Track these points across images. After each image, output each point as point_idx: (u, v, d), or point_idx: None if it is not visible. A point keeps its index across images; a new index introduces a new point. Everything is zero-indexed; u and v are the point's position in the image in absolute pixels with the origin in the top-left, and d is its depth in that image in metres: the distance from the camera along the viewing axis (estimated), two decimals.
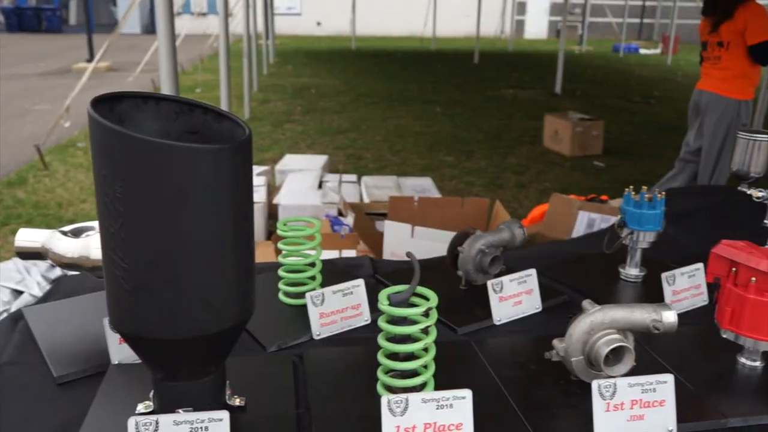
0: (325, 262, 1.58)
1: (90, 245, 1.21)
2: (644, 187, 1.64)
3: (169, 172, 0.84)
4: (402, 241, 2.84)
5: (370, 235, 3.08)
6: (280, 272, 1.47)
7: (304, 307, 1.35)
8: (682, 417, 1.06)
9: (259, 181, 4.02)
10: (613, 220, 1.83)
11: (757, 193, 1.62)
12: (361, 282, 1.39)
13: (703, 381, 1.20)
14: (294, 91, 10.27)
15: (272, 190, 4.18)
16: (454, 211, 3.21)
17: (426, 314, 1.07)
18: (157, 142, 0.84)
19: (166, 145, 0.84)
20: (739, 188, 1.69)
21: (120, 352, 1.18)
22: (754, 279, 1.16)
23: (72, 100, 6.34)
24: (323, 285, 1.44)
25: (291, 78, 11.76)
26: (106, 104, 0.92)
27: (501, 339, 1.36)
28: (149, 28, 21.09)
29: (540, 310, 1.49)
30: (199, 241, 0.88)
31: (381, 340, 1.08)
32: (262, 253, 2.90)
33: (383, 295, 1.07)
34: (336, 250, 2.83)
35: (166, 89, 2.87)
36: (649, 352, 1.28)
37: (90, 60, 11.17)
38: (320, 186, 4.05)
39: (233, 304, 0.95)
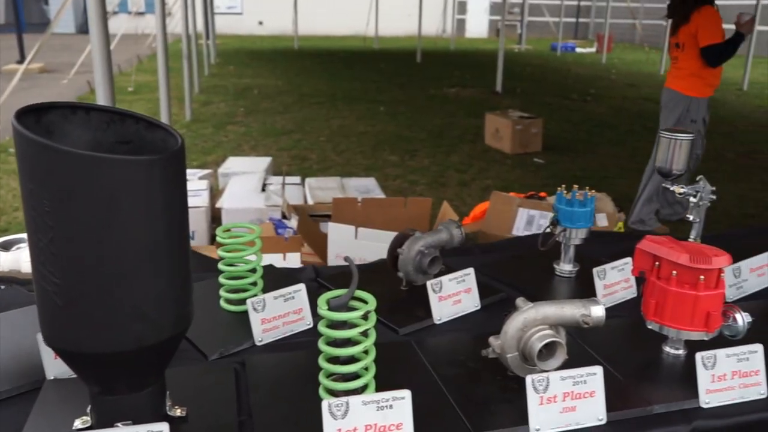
0: (266, 267, 1.58)
1: (21, 259, 1.18)
2: (575, 187, 1.70)
3: (99, 184, 0.83)
4: (346, 242, 2.86)
5: (315, 238, 3.08)
6: (221, 279, 1.47)
7: (245, 314, 1.35)
8: (611, 406, 1.11)
9: (201, 185, 3.98)
10: (551, 216, 1.88)
11: (679, 190, 1.70)
12: (302, 286, 1.40)
13: (631, 370, 1.25)
14: (236, 92, 10.16)
15: (215, 193, 4.14)
16: (397, 212, 3.24)
17: (365, 317, 1.09)
18: (86, 154, 0.83)
19: (96, 158, 0.84)
20: (662, 185, 1.77)
21: (55, 367, 1.16)
22: (675, 272, 1.23)
23: (2, 103, 6.11)
24: (265, 290, 1.44)
25: (233, 79, 11.62)
26: (32, 115, 0.90)
27: (441, 338, 1.39)
28: (84, 28, 20.44)
29: (479, 308, 1.53)
30: (133, 254, 0.88)
31: (321, 345, 1.09)
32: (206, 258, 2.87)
33: (322, 300, 1.09)
34: (280, 253, 2.83)
35: (101, 92, 2.81)
36: (582, 345, 1.33)
37: (21, 61, 10.78)
38: (264, 189, 4.03)
39: (170, 314, 0.95)
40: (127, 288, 0.89)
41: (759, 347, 1.21)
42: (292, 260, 2.72)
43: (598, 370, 1.09)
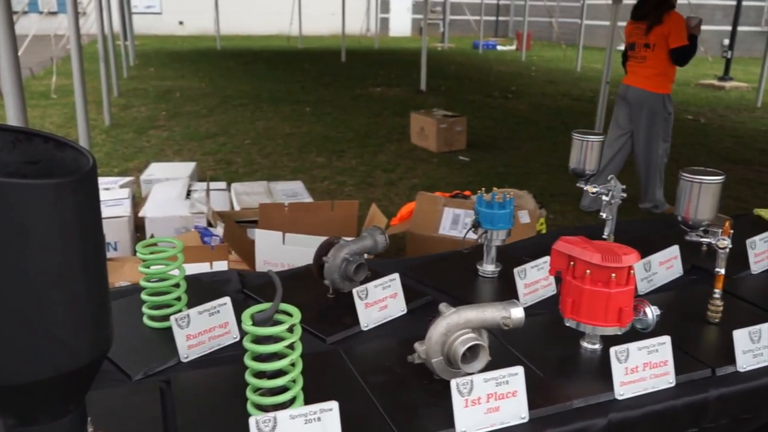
0: (190, 280, 1.56)
1: None
2: (495, 189, 1.75)
3: (6, 209, 0.81)
4: (274, 248, 2.84)
5: (242, 245, 3.05)
6: (143, 296, 1.43)
7: (170, 330, 1.33)
8: (533, 404, 1.15)
9: (122, 194, 3.86)
10: None
11: (591, 189, 1.77)
12: (227, 300, 1.39)
13: (551, 367, 1.30)
14: (157, 94, 9.89)
15: (138, 201, 4.02)
16: (324, 215, 3.24)
17: (290, 330, 1.09)
18: None
19: (2, 183, 0.81)
20: (577, 185, 1.85)
21: None
22: (588, 271, 1.28)
23: None
24: (189, 305, 1.42)
25: (154, 81, 11.30)
26: None
27: (368, 345, 1.41)
28: None
29: (405, 312, 1.55)
30: (46, 279, 0.85)
31: (248, 360, 1.09)
32: (131, 270, 2.79)
33: (246, 316, 1.08)
34: (206, 262, 2.78)
35: (10, 98, 2.68)
36: (504, 344, 1.38)
37: None
38: (188, 195, 3.95)
39: (88, 339, 0.92)
40: (41, 315, 0.86)
41: (667, 339, 1.28)
42: (219, 269, 2.68)
43: (519, 370, 1.13)
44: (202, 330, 1.34)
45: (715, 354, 1.39)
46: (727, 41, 14.80)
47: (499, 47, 20.38)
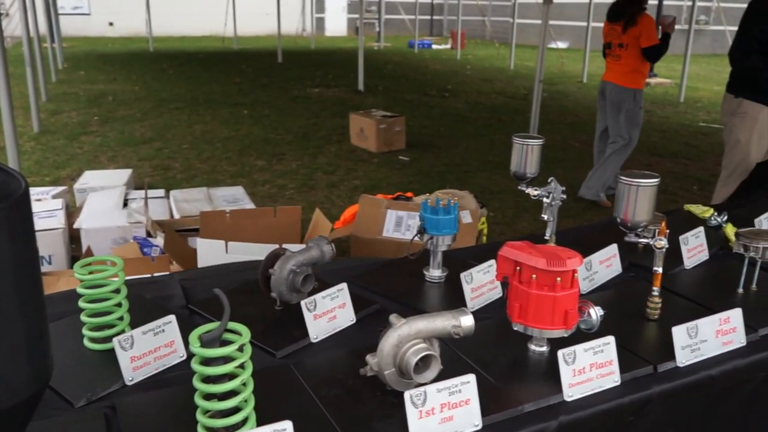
0: (133, 296, 1.51)
1: None
2: (440, 195, 1.76)
3: None
4: (217, 257, 2.78)
5: (183, 254, 2.98)
6: (83, 317, 1.38)
7: (113, 352, 1.29)
8: (485, 411, 1.17)
9: (55, 204, 3.71)
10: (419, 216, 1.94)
11: (533, 192, 1.81)
12: (172, 318, 1.35)
13: (502, 372, 1.32)
14: (89, 99, 9.56)
15: (72, 212, 3.88)
16: (267, 222, 3.21)
17: (240, 350, 1.07)
18: None
19: None
20: (518, 187, 1.88)
21: None
22: (535, 276, 1.31)
23: None
24: (132, 324, 1.38)
25: (84, 85, 10.92)
26: None
27: (319, 357, 1.39)
28: None
29: (354, 321, 1.55)
30: None
31: (196, 383, 1.06)
32: (67, 284, 2.69)
33: (194, 337, 1.05)
34: (147, 274, 2.71)
35: None
36: (455, 351, 1.39)
37: None
38: (125, 204, 3.83)
39: (27, 372, 0.88)
40: None
41: (611, 339, 1.32)
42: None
43: (471, 378, 1.14)
44: (147, 351, 1.30)
45: (656, 351, 1.43)
46: None
47: (434, 46, 20.59)
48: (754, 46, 3.80)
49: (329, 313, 1.50)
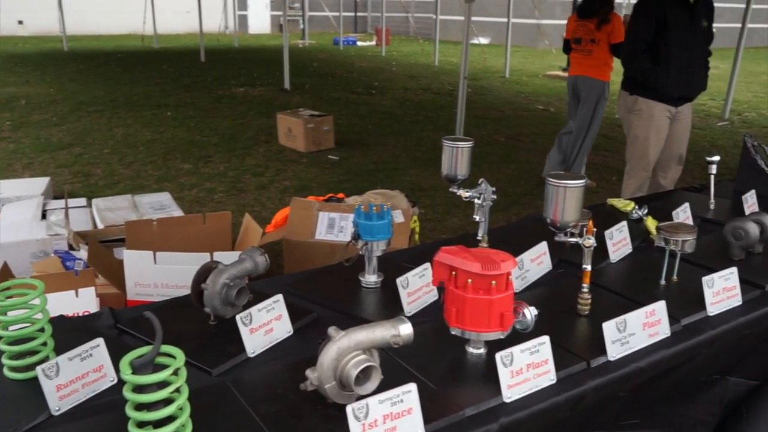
0: (56, 319, 1.44)
1: None
2: (372, 199, 1.75)
3: None
4: (145, 269, 2.69)
5: (109, 266, 2.86)
6: (2, 345, 1.30)
7: (37, 380, 1.22)
8: (427, 418, 1.17)
9: None
10: (351, 217, 1.93)
11: (465, 194, 1.83)
12: (99, 341, 1.29)
13: (441, 377, 1.33)
14: None
15: None
16: (196, 229, 3.13)
17: (175, 374, 1.03)
18: None
19: None
20: (450, 189, 1.90)
21: None
22: (470, 280, 1.32)
23: None
24: (57, 350, 1.31)
25: None
26: None
27: (257, 372, 1.37)
28: None
29: (291, 332, 1.53)
30: None
31: (129, 411, 1.02)
32: None
33: (125, 364, 1.01)
34: (71, 290, 2.59)
35: None
36: (394, 358, 1.39)
37: None
38: (44, 216, 3.65)
39: None
40: None
41: (546, 338, 1.35)
42: (86, 296, 2.50)
43: (413, 387, 1.14)
44: (74, 377, 1.24)
45: (588, 346, 1.48)
46: None
47: (359, 43, 20.60)
48: (642, 46, 3.99)
49: (266, 325, 1.47)
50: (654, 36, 3.95)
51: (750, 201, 2.53)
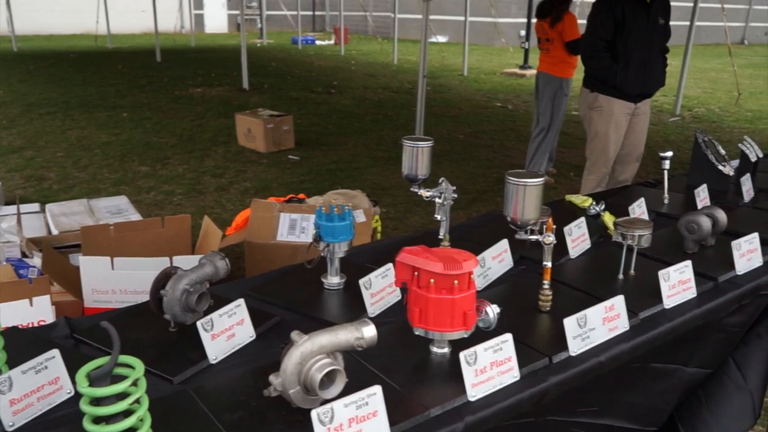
0: (9, 332, 1.40)
1: None
2: (333, 201, 1.74)
3: None
4: (102, 275, 2.64)
5: (65, 274, 2.80)
6: None
7: None
8: (393, 420, 1.17)
9: None
10: (313, 218, 1.92)
11: (425, 193, 1.83)
12: (55, 353, 1.25)
13: (406, 378, 1.33)
14: None
15: None
16: (155, 233, 3.07)
17: (134, 384, 1.01)
18: None
19: None
20: (411, 189, 1.90)
21: None
22: (433, 280, 1.32)
23: None
24: (10, 363, 1.27)
25: None
26: None
27: (219, 379, 1.34)
28: None
29: (254, 337, 1.51)
30: None
31: (87, 424, 0.99)
32: None
33: (81, 376, 0.98)
34: (26, 298, 2.52)
35: None
36: (359, 360, 1.38)
37: None
38: None
39: None
40: None
41: (509, 336, 1.36)
42: (41, 305, 2.43)
43: (378, 389, 1.14)
44: (29, 391, 1.20)
45: (550, 342, 1.49)
46: (523, 32, 16.05)
47: (318, 42, 20.51)
48: (600, 45, 4.08)
49: (227, 331, 1.45)
50: (612, 34, 4.02)
51: (702, 195, 2.59)
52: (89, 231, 2.99)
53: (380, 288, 1.67)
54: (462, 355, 1.28)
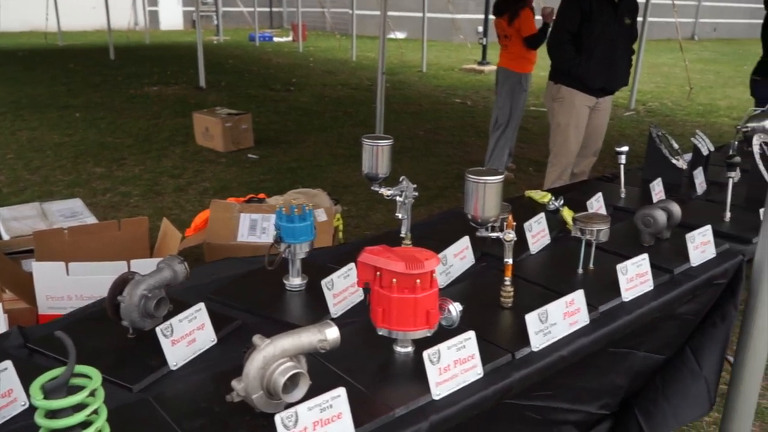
0: None
1: None
2: (293, 201, 1.73)
3: None
4: (56, 281, 2.56)
5: (17, 280, 2.71)
6: None
7: None
8: (358, 422, 1.16)
9: None
10: (274, 218, 1.90)
11: (386, 192, 1.83)
12: (7, 364, 1.21)
13: (370, 378, 1.33)
14: None
15: None
16: (111, 236, 3.00)
17: (92, 395, 0.98)
18: None
19: None
20: (371, 188, 1.90)
21: None
22: (395, 280, 1.32)
23: None
24: None
25: None
26: None
27: (180, 385, 1.32)
28: None
29: (215, 342, 1.49)
30: None
31: None
32: None
33: (35, 388, 0.95)
34: None
35: None
36: (322, 362, 1.37)
37: None
38: None
39: None
40: None
41: (472, 334, 1.36)
42: None
43: (342, 391, 1.13)
44: None
45: (513, 338, 1.51)
46: (481, 28, 16.18)
47: (275, 39, 20.34)
48: (566, 36, 4.15)
49: (188, 336, 1.43)
50: (578, 26, 4.10)
51: (657, 189, 2.65)
52: (42, 235, 2.91)
53: (342, 288, 1.66)
54: (425, 354, 1.29)
